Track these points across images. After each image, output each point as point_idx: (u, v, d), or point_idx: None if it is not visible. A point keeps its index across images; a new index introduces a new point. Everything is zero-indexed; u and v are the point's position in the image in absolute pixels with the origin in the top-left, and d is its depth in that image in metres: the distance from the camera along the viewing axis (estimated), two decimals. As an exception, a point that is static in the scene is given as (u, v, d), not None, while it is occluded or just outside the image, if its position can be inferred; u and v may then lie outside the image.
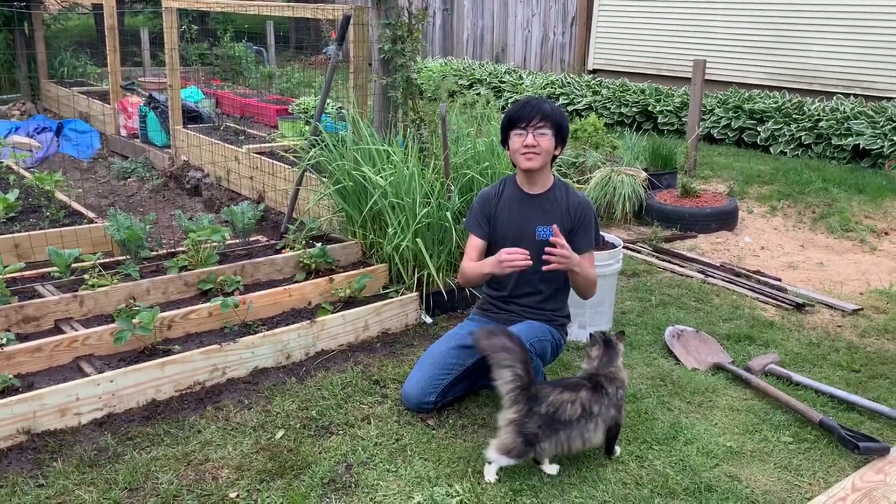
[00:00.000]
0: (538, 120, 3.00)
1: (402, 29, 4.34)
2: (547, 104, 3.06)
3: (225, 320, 3.59)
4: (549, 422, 2.59)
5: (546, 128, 3.01)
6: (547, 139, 3.02)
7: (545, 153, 3.04)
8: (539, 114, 3.01)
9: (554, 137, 3.04)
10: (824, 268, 5.11)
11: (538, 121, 3.00)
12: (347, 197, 4.27)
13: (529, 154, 3.03)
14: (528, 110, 3.03)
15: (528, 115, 3.02)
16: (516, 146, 3.05)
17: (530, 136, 3.00)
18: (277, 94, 9.97)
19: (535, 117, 3.00)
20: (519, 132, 3.04)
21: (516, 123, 3.04)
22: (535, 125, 3.00)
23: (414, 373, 3.12)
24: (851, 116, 7.46)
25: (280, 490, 2.58)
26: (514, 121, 3.06)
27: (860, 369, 3.61)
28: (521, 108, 3.05)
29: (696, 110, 6.95)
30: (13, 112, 9.22)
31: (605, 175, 5.88)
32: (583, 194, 3.22)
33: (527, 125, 3.01)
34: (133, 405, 3.03)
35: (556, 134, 3.05)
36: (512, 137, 3.07)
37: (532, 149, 3.01)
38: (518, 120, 3.04)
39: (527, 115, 3.02)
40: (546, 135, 3.02)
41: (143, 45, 11.93)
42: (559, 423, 2.60)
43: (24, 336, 3.33)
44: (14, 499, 2.48)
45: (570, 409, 2.62)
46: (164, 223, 5.34)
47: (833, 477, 2.75)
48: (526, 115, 3.02)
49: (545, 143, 3.01)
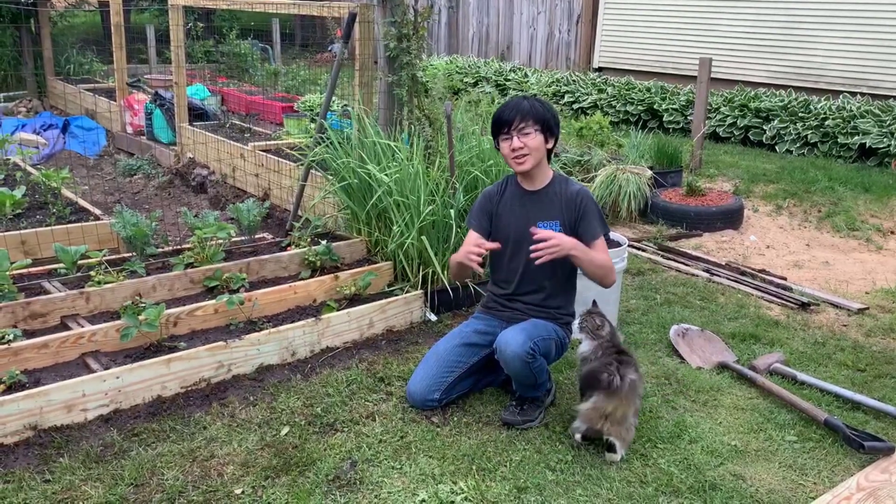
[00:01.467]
0: (518, 121, 2.98)
1: (407, 27, 4.34)
2: (525, 102, 3.02)
3: (230, 317, 3.60)
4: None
5: (528, 126, 2.99)
6: (532, 138, 2.99)
7: (535, 152, 3.01)
8: (518, 114, 2.98)
9: (541, 133, 3.01)
10: (830, 267, 5.10)
11: (518, 122, 2.98)
12: (352, 194, 4.28)
13: (518, 157, 3.02)
14: (507, 113, 3.01)
15: (508, 118, 3.00)
16: (506, 151, 3.05)
17: (515, 139, 2.99)
18: (283, 92, 9.98)
19: (514, 119, 2.98)
20: (505, 137, 3.03)
21: (500, 129, 3.03)
22: (517, 127, 2.98)
23: (418, 370, 3.13)
24: (858, 115, 7.44)
25: (285, 486, 2.59)
26: (498, 126, 3.05)
27: (865, 368, 3.60)
28: (501, 113, 3.03)
29: (702, 108, 6.94)
30: (20, 109, 9.25)
31: (610, 173, 5.87)
32: (580, 184, 3.20)
33: (509, 129, 3.00)
34: (139, 401, 3.04)
35: (543, 129, 3.02)
36: (500, 143, 3.07)
37: (519, 151, 3.00)
38: (500, 125, 3.03)
39: (507, 119, 3.00)
40: (530, 133, 2.99)
41: (149, 42, 11.97)
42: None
43: (30, 332, 3.35)
44: (21, 494, 2.50)
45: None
46: (169, 220, 5.35)
47: (838, 476, 2.75)
48: (507, 119, 3.00)
49: (532, 143, 2.99)
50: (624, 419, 2.74)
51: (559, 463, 2.77)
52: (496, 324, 3.16)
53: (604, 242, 3.10)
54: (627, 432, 2.78)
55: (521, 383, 2.99)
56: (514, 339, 2.87)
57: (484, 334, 3.15)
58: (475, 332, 3.18)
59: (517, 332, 2.90)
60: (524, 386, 3.00)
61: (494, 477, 2.68)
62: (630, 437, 2.81)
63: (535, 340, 2.87)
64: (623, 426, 2.75)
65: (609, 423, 2.73)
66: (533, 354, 2.85)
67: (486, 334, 3.13)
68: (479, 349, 3.14)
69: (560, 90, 9.82)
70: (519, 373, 2.91)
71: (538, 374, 2.93)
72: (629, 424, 2.78)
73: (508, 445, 2.87)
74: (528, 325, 2.96)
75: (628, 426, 2.78)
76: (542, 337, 2.94)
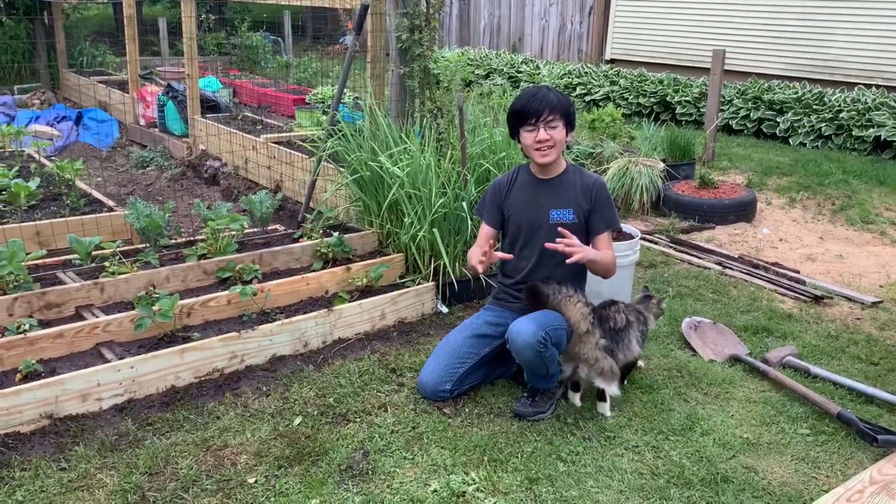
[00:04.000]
0: (547, 113, 2.97)
1: (419, 18, 4.34)
2: (553, 94, 3.01)
3: (243, 308, 3.62)
4: (613, 335, 3.01)
5: (556, 119, 2.99)
6: (558, 131, 3.00)
7: (559, 144, 3.03)
8: (547, 107, 2.97)
9: (565, 126, 3.03)
10: (843, 260, 5.07)
11: (547, 114, 2.97)
12: (364, 187, 4.28)
13: (544, 149, 3.02)
14: (535, 104, 2.98)
15: (536, 110, 2.98)
16: (528, 142, 3.03)
17: (542, 132, 2.98)
18: (294, 84, 9.99)
19: (543, 111, 2.97)
20: (529, 128, 3.01)
21: (525, 119, 3.01)
22: (545, 119, 2.97)
23: (430, 361, 3.14)
24: (873, 107, 7.37)
25: (298, 476, 2.61)
26: (522, 116, 3.02)
27: (879, 362, 3.58)
28: (528, 103, 3.00)
29: (715, 101, 6.90)
30: (34, 101, 9.31)
31: (622, 166, 5.85)
32: (596, 175, 3.21)
33: (537, 120, 2.98)
34: (153, 391, 3.07)
35: (566, 122, 3.03)
36: (522, 133, 3.05)
37: (546, 143, 3.00)
38: (526, 115, 3.00)
39: (535, 110, 2.98)
40: (557, 126, 3.00)
41: (161, 34, 12.00)
42: (617, 331, 3.02)
43: (46, 322, 3.38)
44: (37, 482, 2.53)
45: (619, 319, 3.04)
46: (182, 212, 5.38)
47: (851, 469, 2.74)
48: (534, 110, 2.98)
49: (558, 135, 3.00)
50: (595, 360, 2.93)
51: (570, 454, 2.78)
52: (507, 315, 3.16)
53: (611, 235, 3.17)
54: (612, 372, 2.95)
55: (532, 373, 2.99)
56: (525, 328, 2.87)
57: (495, 325, 3.16)
58: (486, 324, 3.19)
59: (528, 321, 2.90)
60: (535, 376, 3.00)
61: (506, 468, 2.69)
62: (614, 374, 2.96)
63: (547, 330, 2.88)
64: (596, 367, 2.94)
65: (585, 366, 2.97)
66: (544, 343, 2.85)
67: (498, 325, 3.14)
68: (491, 340, 3.14)
69: (572, 82, 9.78)
70: (530, 362, 2.92)
71: (549, 364, 2.94)
72: (608, 364, 2.94)
73: (520, 437, 2.88)
74: (538, 315, 2.96)
75: (610, 366, 2.95)
76: (554, 326, 2.94)
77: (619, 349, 3.02)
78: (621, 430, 2.94)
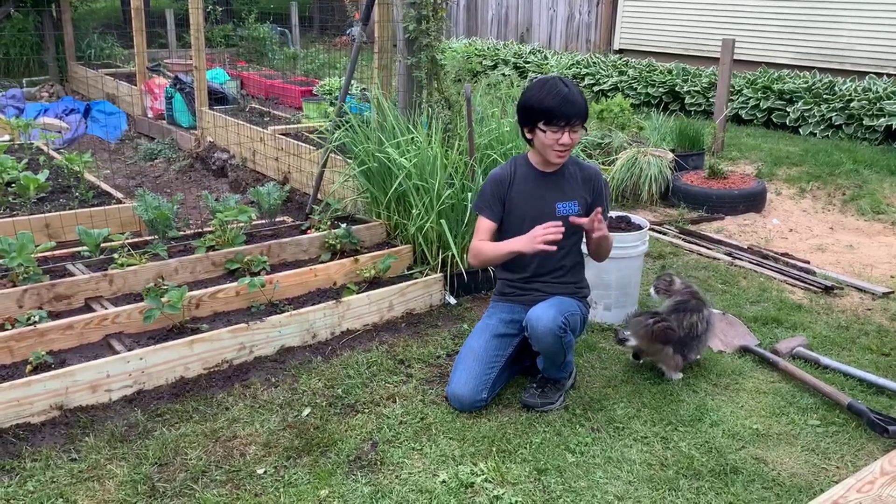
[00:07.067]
0: (578, 121, 2.92)
1: (426, 8, 4.31)
2: (581, 98, 2.94)
3: (252, 300, 3.62)
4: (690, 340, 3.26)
5: (580, 125, 2.96)
6: (579, 134, 2.97)
7: (574, 145, 3.02)
8: (579, 116, 2.91)
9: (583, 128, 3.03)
10: (854, 250, 5.03)
11: (577, 122, 2.92)
12: (372, 178, 4.28)
13: (563, 151, 2.99)
14: (568, 109, 2.89)
15: (566, 115, 2.89)
16: (549, 142, 2.95)
17: (567, 135, 2.93)
18: (302, 76, 9.97)
19: (574, 118, 2.90)
20: (554, 129, 2.92)
21: (552, 120, 2.91)
22: (574, 125, 2.92)
23: (458, 372, 3.02)
24: (884, 96, 7.31)
25: (306, 467, 2.62)
26: (549, 115, 2.91)
27: (890, 352, 3.56)
28: (561, 106, 2.88)
29: (724, 91, 6.85)
30: (42, 94, 9.33)
31: (631, 156, 5.83)
32: (593, 165, 3.20)
33: (566, 124, 2.91)
34: (162, 382, 3.08)
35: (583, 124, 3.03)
36: (543, 130, 2.95)
37: (568, 147, 2.98)
38: (556, 117, 2.90)
39: (566, 115, 2.89)
40: (579, 131, 2.97)
41: (168, 26, 12.00)
42: (694, 337, 3.25)
43: (55, 314, 3.39)
44: (48, 472, 2.54)
45: (700, 327, 3.26)
46: (190, 204, 5.38)
47: (861, 460, 2.72)
48: (565, 115, 2.89)
49: (577, 139, 2.98)
50: (667, 357, 3.22)
51: (579, 445, 2.78)
52: (519, 309, 3.13)
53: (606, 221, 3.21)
54: (674, 363, 3.24)
55: (549, 360, 2.98)
56: (545, 314, 2.87)
57: (511, 323, 3.12)
58: (502, 323, 3.15)
59: (547, 307, 2.90)
60: (551, 364, 2.99)
61: (514, 458, 2.69)
62: (678, 364, 3.25)
63: (566, 315, 2.88)
64: (666, 361, 3.24)
65: (650, 355, 3.30)
66: (564, 328, 2.85)
67: (514, 322, 3.11)
68: (511, 338, 3.12)
69: (580, 72, 9.74)
70: (550, 347, 2.90)
71: (568, 350, 2.95)
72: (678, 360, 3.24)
73: (528, 428, 2.88)
74: (555, 301, 2.96)
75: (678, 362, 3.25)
76: (571, 312, 2.94)
77: (691, 351, 3.27)
78: (630, 421, 2.94)
